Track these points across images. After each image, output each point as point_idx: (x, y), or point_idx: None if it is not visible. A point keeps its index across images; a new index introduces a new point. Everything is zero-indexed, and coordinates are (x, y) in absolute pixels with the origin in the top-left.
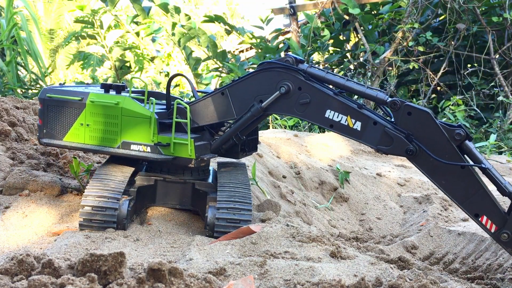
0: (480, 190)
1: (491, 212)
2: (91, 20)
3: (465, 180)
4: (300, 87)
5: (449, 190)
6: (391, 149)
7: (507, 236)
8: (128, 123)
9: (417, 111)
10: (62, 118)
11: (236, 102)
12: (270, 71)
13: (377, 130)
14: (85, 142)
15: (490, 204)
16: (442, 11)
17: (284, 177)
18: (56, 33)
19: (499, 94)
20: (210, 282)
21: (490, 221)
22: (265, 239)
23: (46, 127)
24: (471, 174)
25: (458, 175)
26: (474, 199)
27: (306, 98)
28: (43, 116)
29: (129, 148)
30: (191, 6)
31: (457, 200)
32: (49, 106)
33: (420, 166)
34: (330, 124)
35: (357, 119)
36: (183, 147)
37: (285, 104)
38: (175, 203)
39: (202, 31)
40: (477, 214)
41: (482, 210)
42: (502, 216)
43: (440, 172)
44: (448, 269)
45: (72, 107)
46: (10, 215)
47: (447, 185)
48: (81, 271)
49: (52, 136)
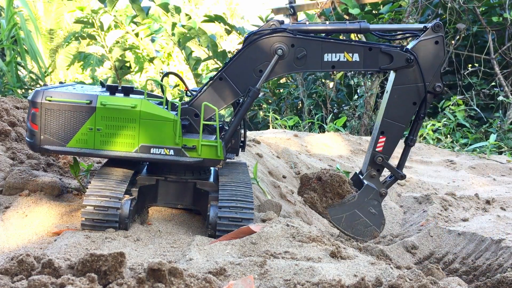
0: (405, 126)
1: (391, 142)
2: (91, 20)
3: (409, 110)
4: (293, 44)
5: (391, 104)
6: (393, 64)
7: (381, 160)
8: (147, 126)
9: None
10: (66, 122)
11: (237, 81)
12: (260, 41)
13: (374, 54)
14: (95, 147)
15: (397, 138)
16: (442, 11)
17: (284, 177)
18: (56, 33)
19: (499, 94)
20: (210, 282)
21: (384, 144)
22: (265, 239)
23: (44, 133)
24: (413, 112)
25: (408, 104)
26: (395, 125)
27: (302, 51)
28: (40, 121)
29: (149, 152)
30: (191, 6)
31: (386, 114)
32: (48, 110)
33: (397, 75)
34: (331, 66)
35: (353, 52)
36: (209, 149)
37: (284, 65)
38: (177, 203)
39: (202, 31)
40: (383, 132)
41: (389, 134)
42: (391, 151)
43: (404, 90)
44: (448, 269)
45: (78, 110)
46: (10, 215)
47: (395, 100)
48: (81, 271)
49: (52, 143)
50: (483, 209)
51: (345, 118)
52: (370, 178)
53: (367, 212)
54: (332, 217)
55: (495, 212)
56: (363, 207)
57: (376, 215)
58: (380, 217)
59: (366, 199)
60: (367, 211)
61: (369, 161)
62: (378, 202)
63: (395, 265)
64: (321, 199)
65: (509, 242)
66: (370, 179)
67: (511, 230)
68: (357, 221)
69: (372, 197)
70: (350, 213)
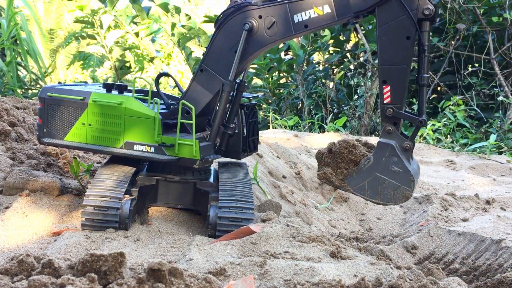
0: (407, 65)
1: (396, 89)
2: (91, 20)
3: (405, 48)
4: (260, 15)
5: (383, 47)
6: (366, 1)
7: (392, 111)
8: (131, 123)
9: None
10: (63, 117)
11: (218, 68)
12: (228, 23)
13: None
14: (87, 142)
15: (402, 82)
16: (442, 11)
17: (284, 177)
18: (56, 33)
19: (499, 94)
20: (210, 282)
21: (390, 93)
22: (265, 239)
23: (46, 127)
24: (410, 48)
25: (401, 40)
26: (395, 69)
27: (270, 20)
28: (43, 115)
29: (132, 148)
30: (191, 6)
31: (382, 60)
32: (50, 105)
33: (378, 15)
34: (304, 26)
35: (322, 4)
36: (187, 148)
37: (256, 39)
38: (177, 203)
39: (202, 31)
40: (385, 81)
41: (391, 81)
42: (401, 98)
43: (391, 28)
44: (448, 269)
45: (73, 106)
46: (10, 215)
47: (385, 42)
48: (81, 271)
49: (52, 136)
50: (483, 209)
51: (345, 118)
52: (388, 135)
53: (390, 172)
54: (354, 188)
55: (495, 212)
56: (383, 168)
57: (401, 173)
58: (407, 174)
59: (383, 158)
60: (389, 171)
61: (382, 117)
62: (398, 158)
63: (395, 265)
64: (336, 172)
65: (509, 242)
66: (388, 136)
67: (511, 230)
68: (383, 185)
69: (389, 154)
70: (372, 178)
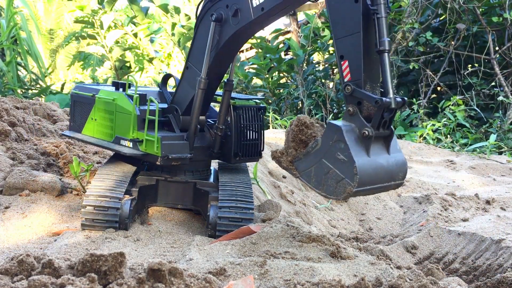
0: (359, 32)
1: (354, 62)
2: (91, 20)
3: (353, 11)
4: (227, 4)
5: (334, 19)
6: None
7: (350, 88)
8: (120, 119)
9: None
10: (82, 112)
11: (200, 65)
12: (205, 19)
13: None
14: (94, 135)
15: (358, 52)
16: (442, 11)
17: (284, 177)
18: (56, 33)
19: (499, 94)
20: (210, 282)
21: (348, 69)
22: (265, 239)
23: (72, 121)
24: (359, 11)
25: (350, 6)
26: (350, 38)
27: (234, 7)
28: (71, 110)
29: (119, 143)
30: (191, 6)
31: (335, 33)
32: (74, 101)
33: None
34: (261, 8)
35: None
36: (151, 144)
37: (224, 29)
38: (177, 203)
39: None
40: (342, 56)
41: (349, 54)
42: (360, 72)
43: None
44: (448, 269)
45: (87, 102)
46: (10, 215)
47: (334, 12)
48: (81, 271)
49: (75, 129)
50: (483, 209)
51: None
52: (349, 117)
53: (335, 159)
54: (301, 173)
55: (495, 212)
56: (329, 154)
57: (346, 163)
58: (350, 165)
59: (330, 142)
60: (335, 159)
61: (344, 97)
62: (345, 145)
63: (395, 265)
64: (287, 153)
65: (509, 242)
66: (349, 118)
67: (511, 230)
68: (327, 175)
69: (336, 138)
70: (318, 164)
